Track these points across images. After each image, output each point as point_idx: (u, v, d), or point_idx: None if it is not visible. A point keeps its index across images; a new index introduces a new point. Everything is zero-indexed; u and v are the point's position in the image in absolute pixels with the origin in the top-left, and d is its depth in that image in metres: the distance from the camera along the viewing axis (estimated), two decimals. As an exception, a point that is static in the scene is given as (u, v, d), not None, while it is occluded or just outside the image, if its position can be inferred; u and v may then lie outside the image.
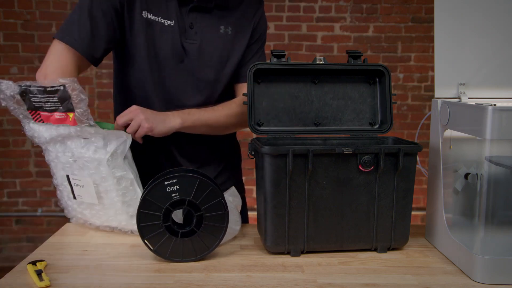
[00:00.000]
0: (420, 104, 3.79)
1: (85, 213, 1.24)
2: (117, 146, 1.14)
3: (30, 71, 3.59)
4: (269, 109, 1.25)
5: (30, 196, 3.68)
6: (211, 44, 1.33)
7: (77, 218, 1.28)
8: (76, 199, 1.22)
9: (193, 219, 1.06)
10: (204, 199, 1.05)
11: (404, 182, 1.11)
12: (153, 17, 1.27)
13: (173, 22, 1.29)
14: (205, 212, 1.05)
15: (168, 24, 1.28)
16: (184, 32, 1.30)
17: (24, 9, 3.56)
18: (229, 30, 1.34)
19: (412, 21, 3.72)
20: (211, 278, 0.98)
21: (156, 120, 1.23)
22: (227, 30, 1.34)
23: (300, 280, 0.98)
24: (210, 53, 1.33)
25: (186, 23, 1.30)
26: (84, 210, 1.24)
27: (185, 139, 1.35)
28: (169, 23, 1.29)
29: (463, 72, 1.18)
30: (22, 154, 3.69)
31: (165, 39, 1.29)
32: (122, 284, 0.95)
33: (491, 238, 1.01)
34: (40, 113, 1.18)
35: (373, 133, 1.27)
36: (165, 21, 1.28)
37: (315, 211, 1.09)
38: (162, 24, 1.28)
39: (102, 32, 1.25)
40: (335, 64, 1.26)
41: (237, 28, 1.36)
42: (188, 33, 1.31)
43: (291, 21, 3.69)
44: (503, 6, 1.19)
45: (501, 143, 0.99)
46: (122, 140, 1.16)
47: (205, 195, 1.05)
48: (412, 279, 1.00)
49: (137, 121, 1.20)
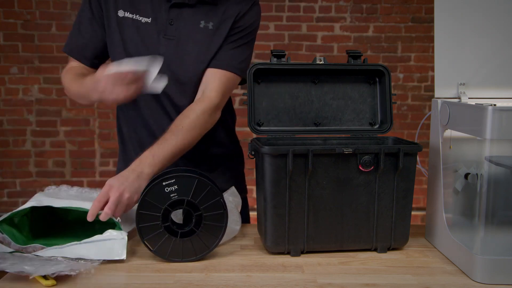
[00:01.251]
0: (420, 104, 3.79)
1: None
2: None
3: (30, 71, 3.60)
4: (269, 109, 1.25)
5: (30, 196, 3.66)
6: (189, 39, 1.32)
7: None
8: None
9: (192, 219, 1.06)
10: (202, 198, 1.05)
11: (404, 182, 1.11)
12: (129, 15, 1.31)
13: (150, 19, 1.31)
14: (204, 212, 1.05)
15: (145, 21, 1.31)
16: (164, 29, 1.31)
17: (24, 9, 3.56)
18: (209, 25, 1.32)
19: (412, 21, 3.72)
20: (211, 278, 0.98)
21: (131, 189, 1.13)
22: (208, 25, 1.32)
23: (300, 280, 0.98)
24: (189, 48, 1.32)
25: (166, 20, 1.31)
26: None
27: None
28: (146, 20, 1.31)
29: (463, 72, 1.18)
30: (22, 154, 3.69)
31: (140, 36, 1.31)
32: (122, 284, 0.95)
33: (491, 238, 1.01)
34: None
35: (373, 133, 1.27)
36: (142, 19, 1.31)
37: (315, 211, 1.09)
38: (139, 22, 1.31)
39: (88, 31, 1.34)
40: (335, 64, 1.26)
41: (219, 23, 1.33)
42: (167, 30, 1.31)
43: (291, 21, 3.69)
44: (503, 6, 1.19)
45: (501, 143, 0.98)
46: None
47: (203, 194, 1.05)
48: (412, 279, 1.00)
49: (112, 201, 1.09)
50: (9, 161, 3.69)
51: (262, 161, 1.08)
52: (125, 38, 1.31)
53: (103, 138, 3.72)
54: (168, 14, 1.30)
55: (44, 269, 0.93)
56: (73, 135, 3.71)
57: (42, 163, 3.72)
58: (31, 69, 3.59)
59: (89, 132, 3.72)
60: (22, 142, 3.69)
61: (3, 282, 0.95)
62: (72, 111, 3.69)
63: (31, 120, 3.67)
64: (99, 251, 1.05)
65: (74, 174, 3.74)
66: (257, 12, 1.39)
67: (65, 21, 3.59)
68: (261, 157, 1.08)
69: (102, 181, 3.75)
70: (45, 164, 3.72)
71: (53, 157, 3.71)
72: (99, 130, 3.72)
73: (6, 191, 3.71)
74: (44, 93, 3.64)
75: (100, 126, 3.71)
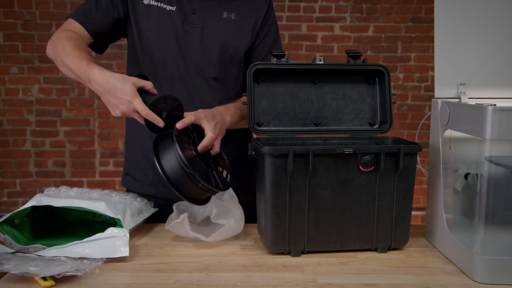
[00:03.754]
0: (420, 104, 3.79)
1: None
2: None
3: (30, 71, 3.60)
4: (269, 109, 1.25)
5: (30, 196, 3.66)
6: (213, 28, 1.36)
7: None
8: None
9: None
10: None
11: (404, 182, 1.11)
12: (154, 3, 1.34)
13: (175, 8, 1.34)
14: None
15: (169, 9, 1.34)
16: (186, 17, 1.34)
17: (24, 9, 3.56)
18: (232, 15, 1.37)
19: (412, 21, 3.72)
20: (211, 278, 0.98)
21: (220, 123, 1.24)
22: (230, 15, 1.37)
23: (300, 280, 0.98)
24: (212, 37, 1.36)
25: (189, 9, 1.35)
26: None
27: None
28: (171, 8, 1.34)
29: (463, 72, 1.18)
30: (22, 154, 3.69)
31: (165, 24, 1.34)
32: (122, 284, 0.95)
33: (491, 238, 1.01)
34: None
35: (373, 133, 1.27)
36: (167, 6, 1.34)
37: (315, 211, 1.09)
38: (164, 10, 1.34)
39: (104, 7, 1.32)
40: (335, 64, 1.26)
41: (242, 14, 1.39)
42: (190, 18, 1.35)
43: (291, 21, 3.69)
44: (503, 6, 1.19)
45: (501, 143, 0.99)
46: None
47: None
48: (412, 279, 1.00)
49: (211, 137, 1.19)
50: (9, 161, 3.69)
51: (262, 161, 1.08)
52: (150, 25, 1.34)
53: (103, 138, 3.72)
54: (191, 3, 1.35)
55: (49, 270, 0.93)
56: (73, 135, 3.71)
57: (42, 163, 3.72)
58: (31, 69, 3.59)
59: (89, 132, 3.72)
60: (22, 142, 3.69)
61: (3, 282, 0.95)
62: (72, 111, 3.69)
63: (31, 120, 3.67)
64: (102, 250, 1.05)
65: (74, 174, 3.74)
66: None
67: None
68: (261, 157, 1.08)
69: (102, 181, 3.75)
70: (45, 164, 3.72)
71: (53, 157, 3.72)
72: (99, 130, 3.72)
73: (6, 191, 3.71)
74: (44, 93, 3.64)
75: (100, 126, 3.71)
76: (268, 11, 1.43)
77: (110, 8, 1.33)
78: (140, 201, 1.28)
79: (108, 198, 1.21)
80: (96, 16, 1.32)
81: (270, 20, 1.44)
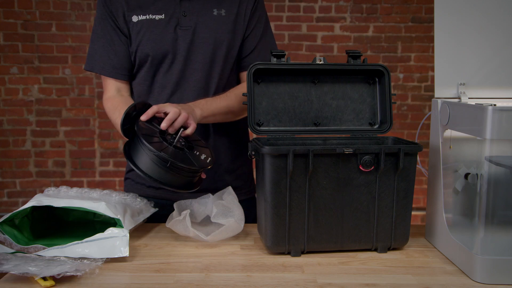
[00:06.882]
0: (420, 104, 3.79)
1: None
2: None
3: (30, 71, 3.60)
4: (269, 109, 1.25)
5: (30, 196, 3.67)
6: (205, 27, 1.37)
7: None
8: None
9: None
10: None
11: (404, 182, 1.11)
12: (143, 17, 1.35)
13: (164, 15, 1.35)
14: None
15: (159, 18, 1.35)
16: (178, 21, 1.35)
17: (24, 9, 3.56)
18: (222, 11, 1.38)
19: (412, 21, 3.72)
20: (211, 278, 0.98)
21: (187, 110, 1.24)
22: (221, 12, 1.38)
23: (300, 280, 0.98)
24: (205, 35, 1.37)
25: (180, 13, 1.35)
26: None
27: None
28: (160, 17, 1.35)
29: (463, 72, 1.18)
30: (22, 154, 3.69)
31: (157, 33, 1.35)
32: (122, 284, 0.95)
33: (491, 238, 1.01)
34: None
35: (373, 133, 1.27)
36: (156, 16, 1.35)
37: (315, 211, 1.09)
38: (153, 20, 1.35)
39: (122, 49, 1.38)
40: (335, 64, 1.26)
41: (231, 9, 1.40)
42: (182, 21, 1.36)
43: (291, 21, 3.69)
44: (503, 6, 1.19)
45: (501, 143, 0.99)
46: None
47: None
48: (412, 279, 1.00)
49: (175, 111, 1.19)
50: (9, 161, 3.69)
51: (262, 161, 1.08)
52: (144, 38, 1.35)
53: (103, 138, 3.72)
54: (180, 7, 1.35)
55: (49, 270, 0.93)
56: (73, 135, 3.71)
57: (42, 163, 3.72)
58: (31, 69, 3.59)
59: (89, 132, 3.72)
60: (22, 142, 3.69)
61: (3, 282, 0.95)
62: (72, 111, 3.69)
63: (31, 120, 3.67)
64: (102, 250, 1.05)
65: (74, 174, 3.74)
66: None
67: (65, 21, 3.59)
68: (261, 157, 1.08)
69: (102, 181, 3.75)
70: (45, 164, 3.72)
71: (53, 157, 3.71)
72: (99, 130, 3.72)
73: (6, 191, 3.71)
74: (44, 93, 3.64)
75: (100, 126, 3.71)
76: (256, 1, 1.43)
77: (122, 44, 1.37)
78: (140, 201, 1.28)
79: (108, 198, 1.21)
80: (120, 61, 1.38)
81: (258, 10, 1.44)
